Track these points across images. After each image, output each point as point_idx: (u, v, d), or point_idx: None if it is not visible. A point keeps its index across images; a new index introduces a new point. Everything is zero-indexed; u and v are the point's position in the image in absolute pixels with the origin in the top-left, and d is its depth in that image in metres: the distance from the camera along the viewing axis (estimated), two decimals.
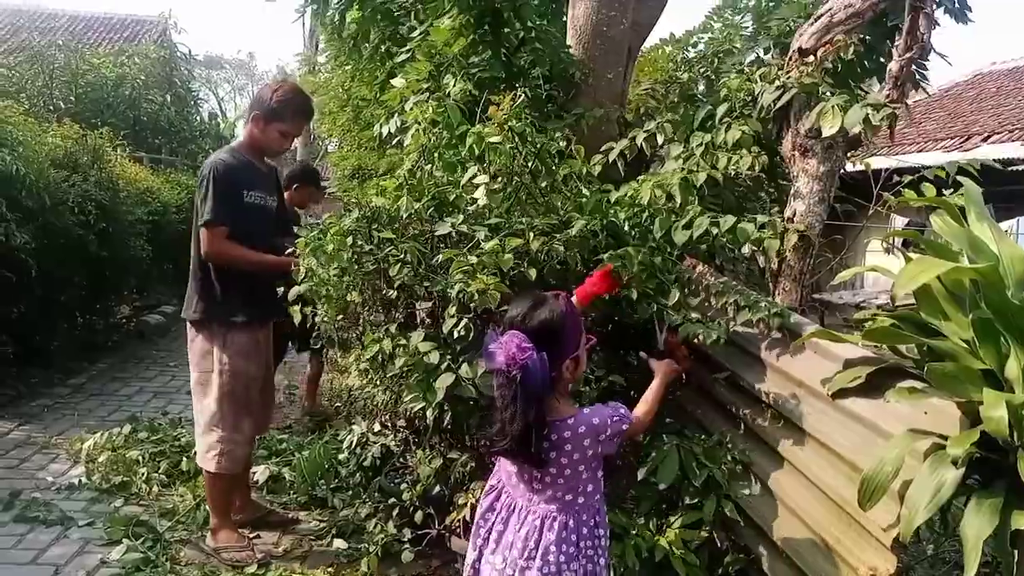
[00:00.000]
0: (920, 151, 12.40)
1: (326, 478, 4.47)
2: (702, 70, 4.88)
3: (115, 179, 7.63)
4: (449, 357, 2.61)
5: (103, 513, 4.06)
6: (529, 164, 2.65)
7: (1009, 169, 9.51)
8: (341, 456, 4.63)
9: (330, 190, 11.02)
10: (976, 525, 1.82)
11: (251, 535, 3.87)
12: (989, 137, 11.87)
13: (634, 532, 2.56)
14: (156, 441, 4.87)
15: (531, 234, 2.43)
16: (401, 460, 4.20)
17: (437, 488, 3.27)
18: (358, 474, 4.49)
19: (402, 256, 2.63)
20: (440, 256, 2.52)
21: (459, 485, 3.01)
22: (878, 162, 3.49)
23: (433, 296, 2.67)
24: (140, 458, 4.58)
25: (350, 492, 4.37)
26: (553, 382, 2.05)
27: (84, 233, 6.58)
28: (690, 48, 5.25)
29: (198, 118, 16.43)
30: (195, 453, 3.90)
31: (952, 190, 2.44)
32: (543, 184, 2.71)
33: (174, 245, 9.44)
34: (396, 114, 4.09)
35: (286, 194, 6.05)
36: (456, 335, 2.47)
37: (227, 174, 3.54)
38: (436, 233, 2.56)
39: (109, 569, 3.53)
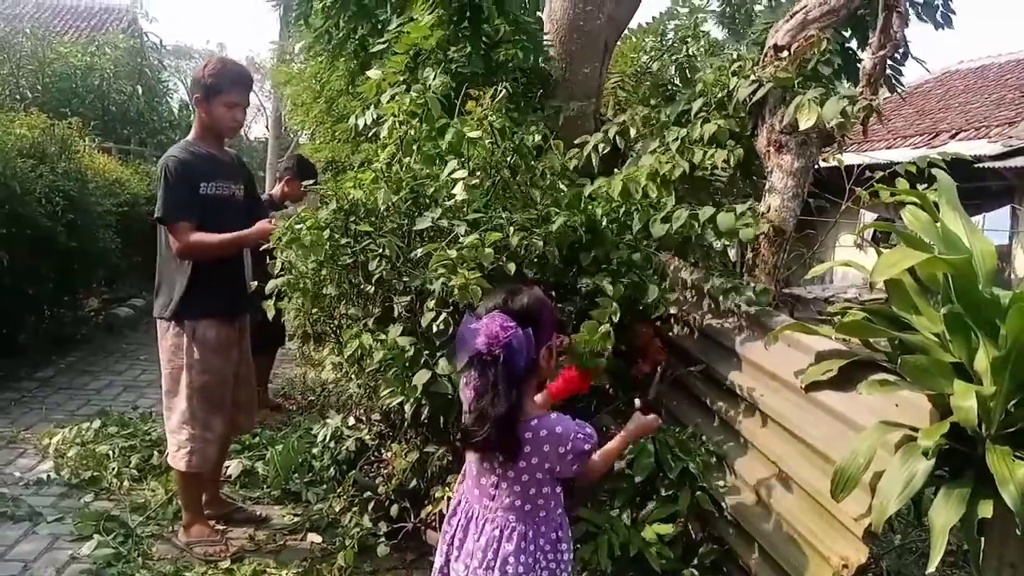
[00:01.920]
0: (889, 147, 12.59)
1: (300, 472, 4.44)
2: (672, 57, 4.91)
3: (83, 170, 7.50)
4: (427, 352, 2.61)
5: (73, 508, 4.00)
6: (508, 159, 2.65)
7: (976, 165, 9.69)
8: (315, 450, 4.61)
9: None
10: (944, 514, 1.86)
11: (222, 529, 3.84)
12: (957, 134, 12.08)
13: (608, 527, 2.57)
14: (127, 435, 4.80)
15: (511, 229, 2.43)
16: (376, 454, 4.19)
17: (413, 482, 3.26)
18: (332, 468, 4.47)
19: (380, 251, 2.62)
20: (420, 251, 2.50)
21: (436, 479, 3.01)
22: (848, 159, 3.53)
23: (411, 290, 2.66)
24: (110, 453, 4.52)
25: (324, 486, 4.34)
26: (533, 367, 2.00)
27: (52, 224, 6.47)
28: (659, 36, 5.25)
29: (167, 110, 16.19)
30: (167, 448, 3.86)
31: (927, 185, 2.48)
32: (521, 179, 2.71)
33: (144, 237, 9.29)
34: (372, 106, 4.07)
35: (277, 188, 5.92)
36: (435, 329, 2.47)
37: (180, 169, 3.44)
38: (416, 228, 2.55)
39: (80, 565, 3.48)
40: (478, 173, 2.65)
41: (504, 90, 2.72)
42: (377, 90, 4.08)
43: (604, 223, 2.76)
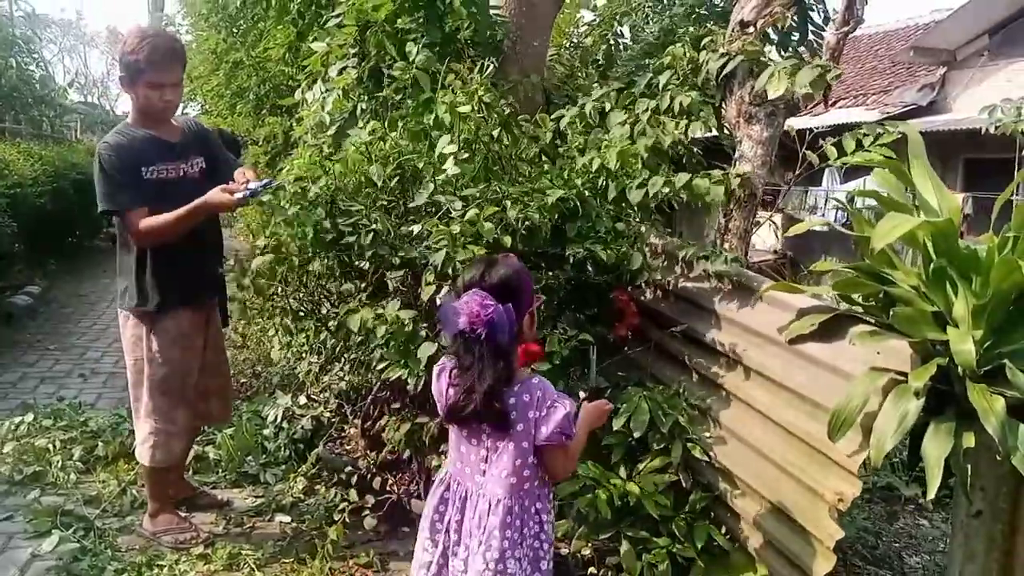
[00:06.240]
0: None
1: (254, 454, 4.39)
2: (602, 33, 5.05)
3: None
4: (426, 325, 2.65)
5: (20, 506, 3.83)
6: (495, 133, 2.70)
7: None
8: (266, 431, 4.56)
9: None
10: (936, 447, 2.07)
11: (186, 515, 3.77)
12: (836, 102, 12.80)
13: (607, 480, 2.71)
14: (63, 428, 4.59)
15: (508, 202, 2.50)
16: (337, 430, 4.20)
17: (407, 452, 3.31)
18: (288, 448, 4.45)
19: (373, 225, 2.64)
20: (416, 227, 2.54)
21: (429, 448, 3.07)
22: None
23: (405, 265, 2.69)
24: (50, 446, 4.32)
25: (283, 467, 4.32)
26: (516, 337, 2.05)
27: None
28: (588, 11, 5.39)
29: (41, 84, 15.10)
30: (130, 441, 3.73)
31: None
32: (508, 153, 2.77)
33: (34, 221, 8.77)
34: (320, 79, 4.02)
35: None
36: (438, 302, 2.51)
37: (114, 155, 3.27)
38: (412, 204, 2.57)
39: (44, 562, 3.35)
40: (467, 148, 2.70)
41: (492, 65, 2.76)
42: (323, 63, 4.03)
43: (587, 194, 2.86)
